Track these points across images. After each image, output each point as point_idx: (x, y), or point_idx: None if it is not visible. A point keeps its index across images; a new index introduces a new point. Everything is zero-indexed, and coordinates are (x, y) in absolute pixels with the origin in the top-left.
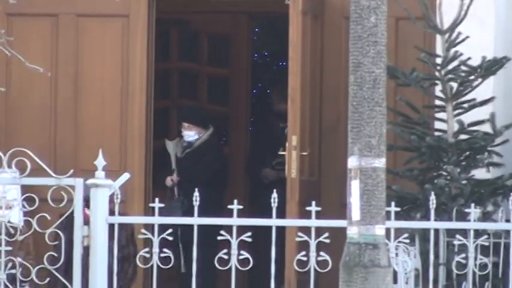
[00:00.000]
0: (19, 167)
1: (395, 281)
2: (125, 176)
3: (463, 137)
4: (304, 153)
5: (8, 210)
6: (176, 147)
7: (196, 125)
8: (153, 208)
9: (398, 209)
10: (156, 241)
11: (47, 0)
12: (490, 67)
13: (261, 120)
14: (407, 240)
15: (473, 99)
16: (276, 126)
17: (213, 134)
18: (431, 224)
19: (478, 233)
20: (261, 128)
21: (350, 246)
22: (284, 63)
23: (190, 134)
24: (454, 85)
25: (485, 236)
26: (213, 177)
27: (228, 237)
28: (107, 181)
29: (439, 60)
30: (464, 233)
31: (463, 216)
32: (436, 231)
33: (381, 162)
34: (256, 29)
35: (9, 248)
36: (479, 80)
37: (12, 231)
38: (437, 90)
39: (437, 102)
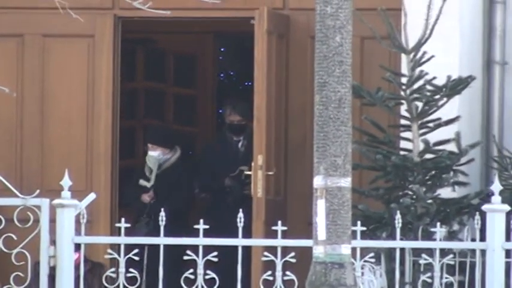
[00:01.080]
0: None
1: None
2: (91, 196)
3: (428, 156)
4: (270, 173)
5: None
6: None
7: (160, 146)
8: (119, 228)
9: (364, 228)
10: (122, 261)
11: (12, 20)
12: (455, 86)
13: (219, 135)
14: (373, 260)
15: (439, 119)
16: (230, 140)
17: (181, 158)
18: (397, 243)
19: (444, 252)
20: (217, 143)
21: (316, 266)
22: (250, 83)
23: (156, 155)
24: (420, 104)
25: (451, 255)
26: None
27: (195, 257)
28: (72, 201)
29: (404, 80)
30: (430, 252)
31: (428, 236)
32: (402, 250)
33: (346, 182)
34: (222, 49)
35: None
36: (445, 99)
37: None
38: (403, 109)
39: (403, 121)
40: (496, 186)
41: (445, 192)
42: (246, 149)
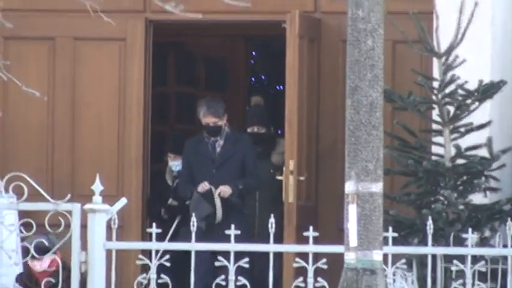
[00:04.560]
0: (16, 192)
1: None
2: (122, 201)
3: (460, 161)
4: (301, 178)
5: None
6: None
7: (180, 154)
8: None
9: (395, 234)
10: (153, 267)
11: (44, 23)
12: (487, 91)
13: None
14: (404, 266)
15: (470, 123)
16: (207, 140)
17: None
18: (429, 250)
19: (476, 259)
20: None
21: (347, 272)
22: (281, 87)
23: (177, 164)
24: (451, 109)
25: (483, 262)
26: None
27: (226, 263)
28: (104, 206)
29: (436, 84)
30: (461, 258)
31: (460, 242)
32: (434, 256)
33: (378, 187)
34: (253, 53)
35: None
36: (476, 103)
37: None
38: (434, 114)
39: (434, 126)
40: None
41: (477, 198)
42: (222, 149)
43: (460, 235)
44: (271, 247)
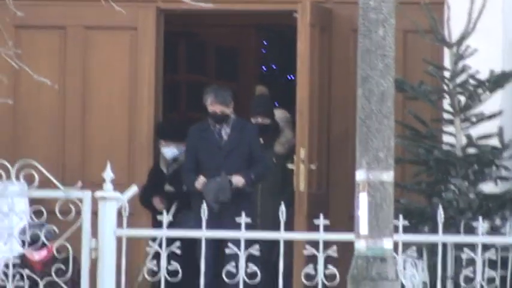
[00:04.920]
0: (27, 179)
1: None
2: (133, 189)
3: (471, 150)
4: (312, 166)
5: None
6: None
7: (172, 140)
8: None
9: (406, 223)
10: (164, 254)
11: (55, 12)
12: (498, 80)
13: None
14: (415, 254)
15: (481, 113)
16: (213, 128)
17: None
18: (439, 238)
19: (486, 247)
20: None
21: (358, 260)
22: (292, 76)
23: (169, 150)
24: (462, 98)
25: (493, 250)
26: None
27: (236, 250)
28: (115, 194)
29: (447, 74)
30: (472, 246)
31: (471, 230)
32: (444, 244)
33: (389, 176)
34: (265, 42)
35: (17, 261)
36: (488, 93)
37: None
38: (446, 103)
39: (446, 115)
40: None
41: (488, 187)
42: (229, 137)
43: (471, 223)
44: (281, 235)
